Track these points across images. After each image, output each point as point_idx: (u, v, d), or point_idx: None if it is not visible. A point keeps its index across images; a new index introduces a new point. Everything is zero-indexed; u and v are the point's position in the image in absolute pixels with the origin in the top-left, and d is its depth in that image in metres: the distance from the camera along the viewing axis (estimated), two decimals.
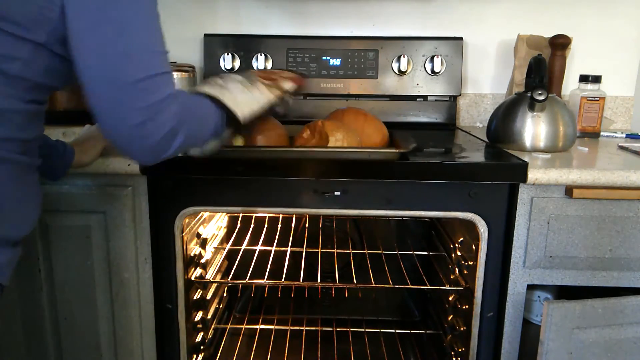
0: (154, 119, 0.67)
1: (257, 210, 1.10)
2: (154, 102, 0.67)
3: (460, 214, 1.06)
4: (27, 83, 0.68)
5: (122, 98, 0.65)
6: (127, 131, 0.67)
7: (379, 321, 1.73)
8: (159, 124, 0.68)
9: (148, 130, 0.67)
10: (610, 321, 1.00)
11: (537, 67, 1.17)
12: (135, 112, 0.66)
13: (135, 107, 0.66)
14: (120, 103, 0.66)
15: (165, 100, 0.68)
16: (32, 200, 0.73)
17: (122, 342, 1.12)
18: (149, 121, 0.66)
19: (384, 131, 1.17)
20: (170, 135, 0.69)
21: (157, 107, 0.67)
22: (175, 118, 0.69)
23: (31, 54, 0.66)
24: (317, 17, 1.63)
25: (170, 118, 0.69)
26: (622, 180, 1.00)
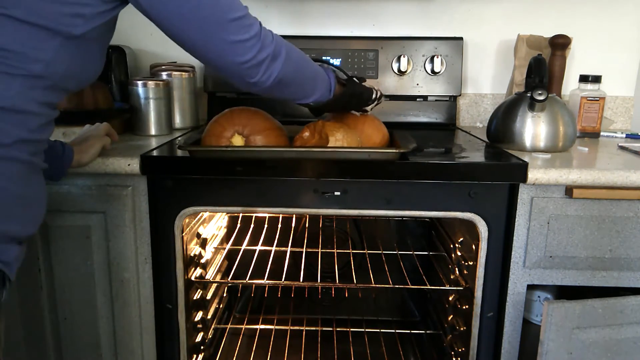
0: (256, 55, 0.81)
1: (257, 210, 1.10)
2: (249, 37, 0.80)
3: (460, 214, 1.06)
4: (46, 82, 0.70)
5: (218, 48, 0.79)
6: (236, 68, 0.81)
7: (379, 321, 1.73)
8: (256, 45, 0.81)
9: (253, 59, 0.81)
10: (610, 321, 1.00)
11: (537, 67, 1.17)
12: (238, 49, 0.79)
13: (234, 37, 0.78)
14: (219, 50, 0.79)
15: (248, 34, 0.80)
16: (39, 200, 0.75)
17: (122, 342, 1.12)
18: (252, 58, 0.81)
19: (384, 131, 1.17)
20: (269, 61, 0.83)
21: (253, 42, 0.80)
22: (272, 45, 0.84)
23: (56, 52, 0.69)
24: (317, 17, 1.63)
25: (267, 45, 0.83)
26: (622, 180, 1.00)
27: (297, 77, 0.92)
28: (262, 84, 0.85)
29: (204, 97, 1.62)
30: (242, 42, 0.79)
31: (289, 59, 0.87)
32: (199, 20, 0.76)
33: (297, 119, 1.55)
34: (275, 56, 0.84)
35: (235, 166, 1.01)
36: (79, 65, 0.74)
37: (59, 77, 0.71)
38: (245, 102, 1.56)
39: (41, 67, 0.68)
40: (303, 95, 0.98)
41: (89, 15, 0.71)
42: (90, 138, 1.00)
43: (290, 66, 0.88)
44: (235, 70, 0.82)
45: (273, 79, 0.85)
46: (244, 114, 1.08)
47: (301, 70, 0.93)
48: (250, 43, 0.80)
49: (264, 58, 0.82)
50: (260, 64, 0.82)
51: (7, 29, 0.65)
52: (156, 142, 1.20)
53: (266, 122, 1.08)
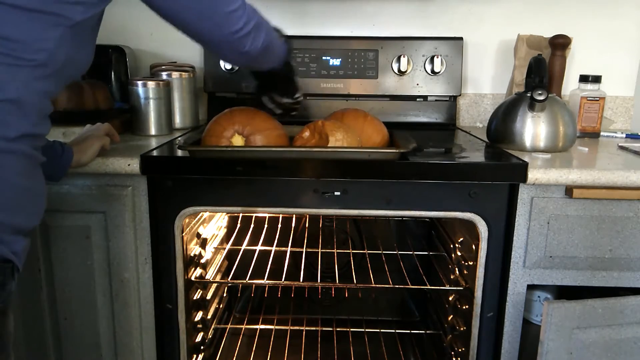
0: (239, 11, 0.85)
1: (257, 210, 1.10)
2: (237, 7, 0.84)
3: (460, 214, 1.06)
4: (48, 71, 0.71)
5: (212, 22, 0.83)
6: (230, 39, 0.86)
7: (379, 321, 1.73)
8: (242, 15, 0.85)
9: (241, 40, 0.87)
10: (610, 321, 1.00)
11: (537, 67, 1.17)
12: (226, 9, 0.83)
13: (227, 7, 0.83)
14: (220, 29, 0.84)
15: (244, 4, 0.86)
16: (41, 193, 0.76)
17: (122, 342, 1.12)
18: (243, 37, 0.86)
19: (384, 131, 1.17)
20: (256, 29, 0.88)
21: (241, 12, 0.85)
22: (253, 23, 0.88)
23: (58, 41, 0.70)
24: (317, 17, 1.63)
25: (250, 24, 0.87)
26: (622, 180, 1.00)
27: (273, 43, 0.98)
28: (252, 52, 0.90)
29: (204, 97, 1.62)
30: (233, 12, 0.84)
31: (267, 27, 0.95)
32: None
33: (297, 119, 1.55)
34: (258, 24, 0.90)
35: (235, 166, 1.01)
36: (76, 54, 0.75)
37: (60, 66, 0.72)
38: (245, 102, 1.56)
39: (45, 56, 0.69)
40: (276, 61, 1.04)
41: (89, 2, 0.72)
42: (89, 138, 1.00)
43: (269, 33, 0.94)
44: (228, 41, 0.87)
45: (260, 46, 0.91)
46: (244, 114, 1.08)
47: (273, 36, 0.99)
48: (239, 13, 0.85)
49: (253, 26, 0.87)
50: (250, 32, 0.87)
51: (11, 17, 0.66)
52: (156, 142, 1.20)
53: (266, 122, 1.08)
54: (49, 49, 0.69)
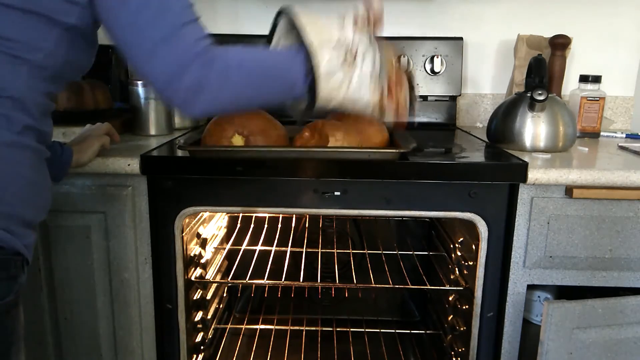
0: (180, 73, 0.68)
1: (257, 210, 1.10)
2: (183, 51, 0.69)
3: (460, 214, 1.06)
4: (48, 72, 0.71)
5: (155, 56, 0.69)
6: (163, 90, 0.70)
7: (379, 321, 1.73)
8: (185, 76, 0.69)
9: (177, 86, 0.69)
10: (610, 321, 1.00)
11: (537, 67, 1.17)
12: (166, 68, 0.69)
13: (167, 62, 0.69)
14: (155, 61, 0.69)
15: (193, 48, 0.69)
16: (47, 186, 0.76)
17: (122, 342, 1.12)
18: (175, 76, 0.68)
19: (383, 131, 1.17)
20: (195, 88, 0.69)
21: (186, 57, 0.69)
22: (201, 71, 0.69)
23: (56, 42, 0.70)
24: None
25: (196, 67, 0.69)
26: (622, 180, 1.00)
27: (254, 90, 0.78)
28: (196, 113, 0.74)
29: None
30: (166, 40, 0.71)
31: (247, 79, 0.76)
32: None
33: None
34: (218, 78, 0.72)
35: (235, 166, 1.01)
36: (76, 57, 0.75)
37: (60, 66, 0.72)
38: None
39: (44, 56, 0.69)
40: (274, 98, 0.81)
41: (84, 4, 0.71)
42: (89, 138, 1.00)
43: (242, 89, 0.76)
44: (157, 85, 0.72)
45: (215, 109, 0.77)
46: (244, 114, 1.08)
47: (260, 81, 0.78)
48: (177, 48, 0.71)
49: (196, 81, 0.71)
50: (189, 88, 0.71)
51: (10, 17, 0.66)
52: (156, 142, 1.20)
53: (266, 122, 1.08)
54: (46, 49, 0.69)
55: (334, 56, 0.76)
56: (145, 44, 0.68)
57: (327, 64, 0.75)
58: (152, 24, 0.68)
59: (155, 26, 0.68)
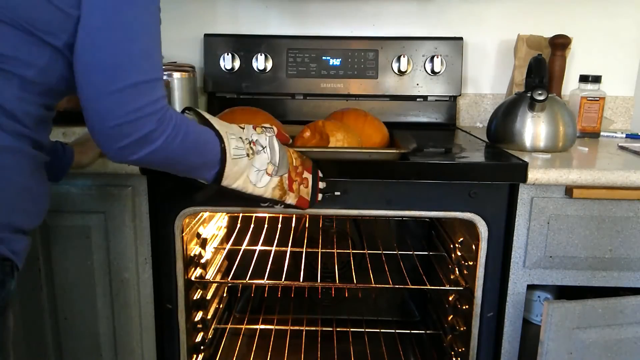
0: (133, 122, 0.67)
1: (257, 211, 1.10)
2: (141, 105, 0.67)
3: (460, 214, 1.06)
4: (41, 87, 0.70)
5: (112, 98, 0.67)
6: (105, 130, 0.68)
7: (379, 321, 1.73)
8: (137, 127, 0.68)
9: (124, 130, 0.67)
10: (610, 321, 1.00)
11: (537, 67, 1.17)
12: (118, 111, 0.67)
13: (119, 108, 0.67)
14: (110, 103, 0.67)
15: (150, 106, 0.68)
16: (43, 192, 0.76)
17: (122, 342, 1.12)
18: (126, 124, 0.67)
19: (384, 131, 1.17)
20: (142, 141, 0.69)
21: (141, 110, 0.67)
22: (155, 124, 0.69)
23: (48, 60, 0.69)
24: (317, 17, 1.63)
25: (151, 123, 0.68)
26: (622, 180, 1.00)
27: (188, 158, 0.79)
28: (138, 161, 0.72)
29: (204, 97, 1.62)
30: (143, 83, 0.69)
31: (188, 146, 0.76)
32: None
33: (296, 119, 1.56)
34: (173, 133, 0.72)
35: None
36: (71, 74, 0.71)
37: (55, 82, 0.71)
38: (247, 102, 1.57)
39: (35, 72, 0.68)
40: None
41: (74, 22, 0.68)
42: (91, 140, 1.00)
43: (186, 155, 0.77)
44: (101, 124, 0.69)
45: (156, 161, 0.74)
46: (245, 113, 1.08)
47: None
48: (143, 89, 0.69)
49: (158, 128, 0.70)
50: (144, 137, 0.69)
51: (1, 31, 0.65)
52: None
53: (267, 121, 1.08)
54: (39, 66, 0.68)
55: (239, 145, 0.84)
56: (114, 81, 0.66)
57: (234, 150, 0.82)
58: (132, 64, 0.67)
59: (134, 68, 0.67)
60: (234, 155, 0.82)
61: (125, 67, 0.67)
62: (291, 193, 0.92)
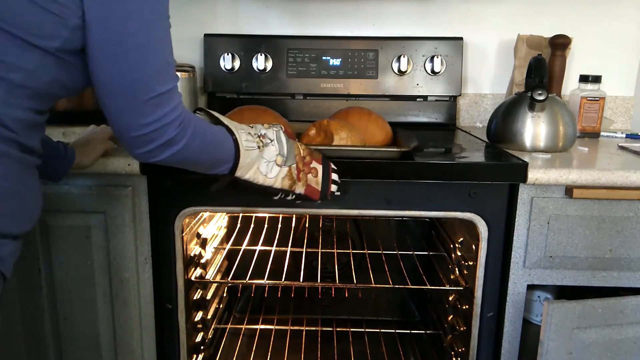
0: (156, 131, 0.71)
1: (257, 211, 1.10)
2: (162, 115, 0.71)
3: (460, 214, 1.06)
4: (30, 91, 0.68)
5: (134, 113, 0.70)
6: (129, 137, 0.72)
7: (379, 321, 1.73)
8: (161, 134, 0.72)
9: (149, 138, 0.72)
10: (610, 321, 1.00)
11: (537, 67, 1.17)
12: (141, 121, 0.70)
13: (143, 119, 0.70)
14: (132, 116, 0.70)
15: (171, 113, 0.72)
16: (33, 196, 0.74)
17: (122, 342, 1.12)
18: (150, 133, 0.71)
19: (387, 129, 1.18)
20: (165, 145, 0.73)
21: (163, 119, 0.71)
22: (177, 129, 0.73)
23: (38, 63, 0.67)
24: (317, 17, 1.63)
25: (173, 128, 0.73)
26: (622, 180, 1.00)
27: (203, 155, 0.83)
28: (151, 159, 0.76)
29: (204, 97, 1.62)
30: (159, 96, 0.71)
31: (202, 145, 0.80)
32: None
33: (301, 118, 1.56)
34: (190, 138, 0.76)
35: None
36: (66, 77, 0.72)
37: (45, 86, 0.70)
38: (247, 102, 1.57)
39: (24, 76, 0.66)
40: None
41: (74, 27, 0.67)
42: (93, 141, 1.00)
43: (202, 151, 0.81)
44: (128, 129, 0.72)
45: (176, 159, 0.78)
46: (253, 112, 1.09)
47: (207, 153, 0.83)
48: (166, 105, 0.73)
49: (177, 136, 0.74)
50: (165, 144, 0.74)
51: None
52: None
53: (275, 120, 1.10)
54: (27, 69, 0.66)
55: (249, 138, 0.88)
56: (134, 97, 0.69)
57: (245, 142, 0.87)
58: (149, 79, 0.69)
59: (152, 82, 0.70)
60: (246, 147, 0.86)
61: (143, 83, 0.69)
62: (299, 183, 0.94)
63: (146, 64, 0.69)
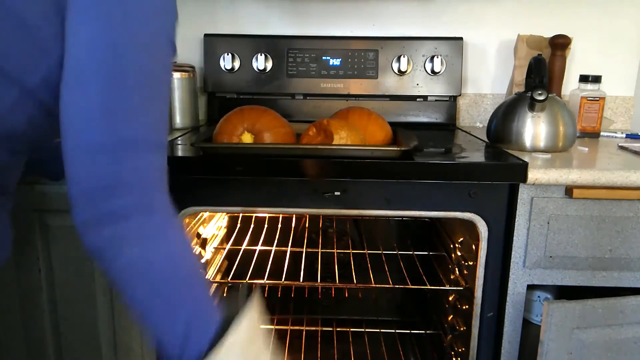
0: (107, 188, 0.54)
1: (257, 210, 1.10)
2: (122, 169, 0.55)
3: (460, 214, 1.06)
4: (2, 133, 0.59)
5: (90, 154, 0.55)
6: (74, 194, 0.57)
7: (379, 321, 1.73)
8: (111, 195, 0.55)
9: (94, 197, 0.56)
10: (610, 321, 1.00)
11: (537, 67, 1.17)
12: (95, 174, 0.55)
13: (100, 169, 0.54)
14: (87, 159, 0.55)
15: (137, 173, 0.56)
16: (1, 240, 0.67)
17: (122, 342, 1.12)
18: (100, 189, 0.55)
19: (387, 129, 1.18)
20: (111, 216, 0.56)
21: (120, 176, 0.55)
22: (135, 198, 0.56)
23: (10, 106, 0.57)
24: (317, 17, 1.63)
25: (128, 195, 0.56)
26: (622, 180, 1.00)
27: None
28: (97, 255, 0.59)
29: (203, 97, 1.62)
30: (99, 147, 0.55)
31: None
32: None
33: (301, 118, 1.56)
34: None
35: (235, 166, 1.01)
36: (48, 121, 0.60)
37: (20, 131, 0.59)
38: (247, 102, 1.57)
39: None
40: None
41: (57, 58, 0.56)
42: None
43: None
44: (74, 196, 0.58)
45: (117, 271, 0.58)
46: (254, 112, 1.09)
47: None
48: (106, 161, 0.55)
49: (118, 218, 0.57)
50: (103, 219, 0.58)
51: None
52: None
53: (275, 120, 1.10)
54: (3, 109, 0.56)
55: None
56: (106, 136, 0.53)
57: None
58: (124, 114, 0.55)
59: (125, 119, 0.55)
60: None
61: (114, 117, 0.54)
62: None
63: (125, 93, 0.56)
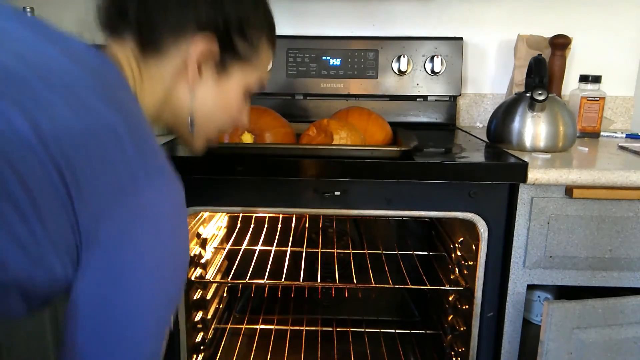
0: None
1: (257, 210, 1.10)
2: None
3: (460, 214, 1.06)
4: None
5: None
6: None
7: (379, 321, 1.73)
8: None
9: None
10: (610, 321, 1.00)
11: (537, 67, 1.17)
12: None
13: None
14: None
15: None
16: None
17: None
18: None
19: (387, 129, 1.18)
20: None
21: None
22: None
23: None
24: (317, 17, 1.63)
25: None
26: (622, 180, 1.00)
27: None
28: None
29: None
30: None
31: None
32: None
33: (301, 118, 1.56)
34: None
35: (235, 166, 1.01)
36: (31, 269, 0.52)
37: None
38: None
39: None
40: None
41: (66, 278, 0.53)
42: None
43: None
44: None
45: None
46: (254, 112, 1.09)
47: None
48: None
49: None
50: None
51: None
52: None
53: (275, 120, 1.10)
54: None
55: None
56: None
57: None
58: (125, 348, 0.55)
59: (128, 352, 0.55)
60: None
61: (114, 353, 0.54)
62: None
63: (127, 331, 0.55)
